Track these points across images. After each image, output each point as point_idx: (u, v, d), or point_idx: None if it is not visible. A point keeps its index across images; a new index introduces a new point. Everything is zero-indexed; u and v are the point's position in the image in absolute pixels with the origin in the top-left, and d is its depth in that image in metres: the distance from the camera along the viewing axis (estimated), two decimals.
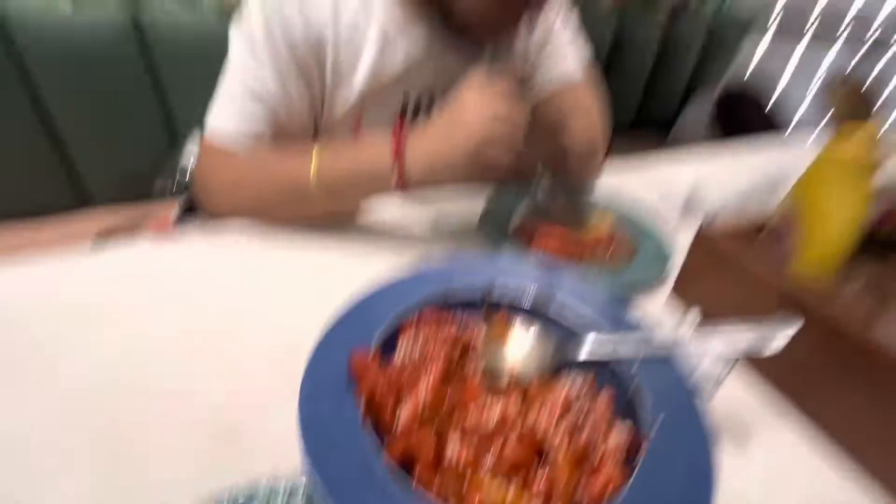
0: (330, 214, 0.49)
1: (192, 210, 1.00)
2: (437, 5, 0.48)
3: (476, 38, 0.51)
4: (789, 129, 2.63)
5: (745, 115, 1.67)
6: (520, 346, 0.30)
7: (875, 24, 2.24)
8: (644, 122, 1.83)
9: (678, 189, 0.61)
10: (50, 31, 0.91)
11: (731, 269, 0.37)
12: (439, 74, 0.53)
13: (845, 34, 2.00)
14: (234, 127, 0.47)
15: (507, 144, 0.40)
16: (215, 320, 0.38)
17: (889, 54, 2.23)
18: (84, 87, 0.97)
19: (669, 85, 1.81)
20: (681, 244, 0.46)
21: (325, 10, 0.47)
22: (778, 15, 2.06)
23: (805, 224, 0.36)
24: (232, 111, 0.47)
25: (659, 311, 0.43)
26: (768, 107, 1.88)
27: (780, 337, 0.26)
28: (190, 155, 0.97)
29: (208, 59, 1.04)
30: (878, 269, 0.37)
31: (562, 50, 0.61)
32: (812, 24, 2.07)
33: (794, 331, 0.26)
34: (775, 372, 0.34)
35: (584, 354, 0.29)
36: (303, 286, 0.42)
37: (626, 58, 1.61)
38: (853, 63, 2.24)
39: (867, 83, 0.45)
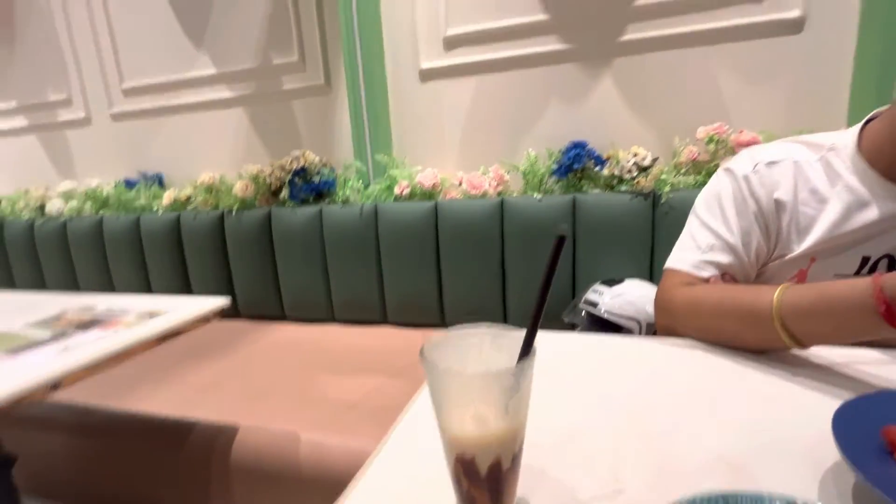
0: (780, 347, 0.50)
1: None
2: None
3: None
4: None
5: None
6: None
7: None
8: None
9: None
10: (527, 209, 1.45)
11: None
12: None
13: None
14: (697, 263, 0.63)
15: None
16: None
17: None
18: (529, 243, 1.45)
19: None
20: None
21: (787, 183, 0.60)
22: None
23: None
24: (695, 251, 0.64)
25: None
26: None
27: None
28: (587, 300, 1.24)
29: (617, 227, 1.37)
30: None
31: None
32: None
33: None
34: None
35: None
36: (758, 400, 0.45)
37: None
38: None
39: None
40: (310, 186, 1.73)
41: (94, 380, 0.77)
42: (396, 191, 1.65)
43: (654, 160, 1.39)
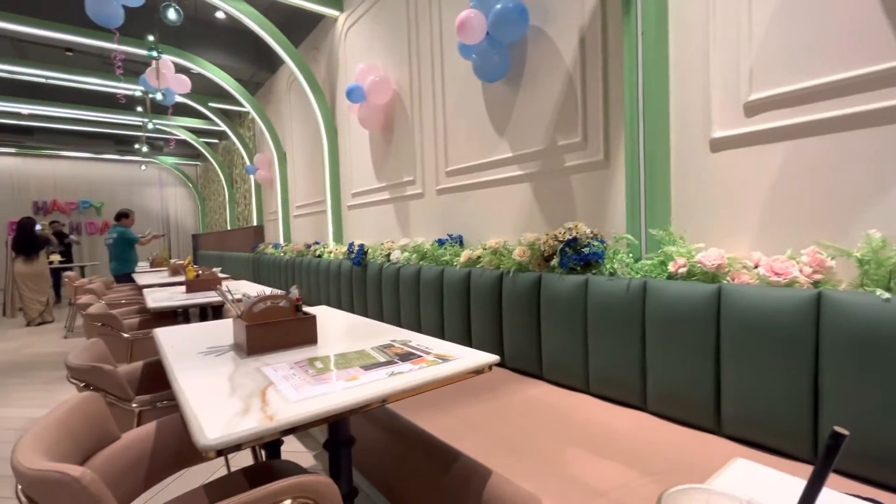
0: None
1: None
2: None
3: None
4: None
5: None
6: None
7: None
8: None
9: None
10: (864, 310, 1.10)
11: None
12: None
13: None
14: None
15: None
16: None
17: None
18: (867, 358, 1.07)
19: None
20: None
21: None
22: None
23: None
24: None
25: None
26: None
27: None
28: None
29: None
30: None
31: None
32: None
33: None
34: None
35: None
36: None
37: None
38: None
39: None
40: (579, 256, 1.82)
41: None
42: (671, 268, 1.54)
43: None
